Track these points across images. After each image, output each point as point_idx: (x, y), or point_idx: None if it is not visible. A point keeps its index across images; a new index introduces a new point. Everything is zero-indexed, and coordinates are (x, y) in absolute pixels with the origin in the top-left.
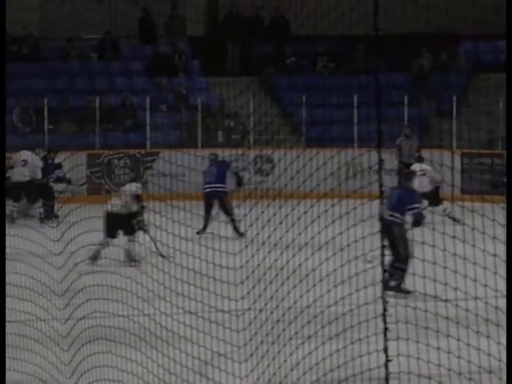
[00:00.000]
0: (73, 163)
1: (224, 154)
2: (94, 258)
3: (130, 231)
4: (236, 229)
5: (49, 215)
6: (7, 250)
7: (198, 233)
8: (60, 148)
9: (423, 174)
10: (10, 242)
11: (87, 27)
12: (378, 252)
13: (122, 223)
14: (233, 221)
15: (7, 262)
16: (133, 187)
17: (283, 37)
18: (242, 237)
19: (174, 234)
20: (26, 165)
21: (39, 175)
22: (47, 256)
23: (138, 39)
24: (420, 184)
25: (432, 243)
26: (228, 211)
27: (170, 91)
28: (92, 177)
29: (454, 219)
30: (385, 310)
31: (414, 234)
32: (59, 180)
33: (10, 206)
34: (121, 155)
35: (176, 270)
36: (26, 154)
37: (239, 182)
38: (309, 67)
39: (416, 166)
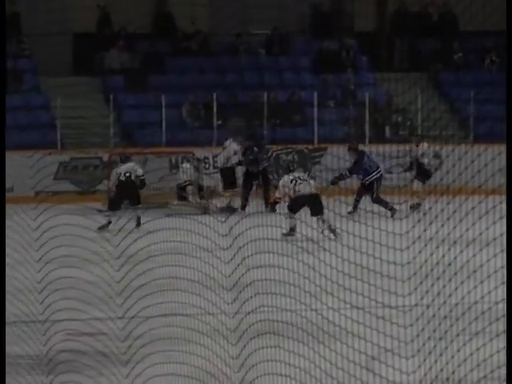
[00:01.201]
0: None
1: (392, 149)
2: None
3: None
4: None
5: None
6: (176, 244)
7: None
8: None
9: None
10: (179, 235)
11: (256, 23)
12: None
13: None
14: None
15: (177, 256)
16: None
17: (451, 32)
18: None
19: (341, 229)
20: (221, 153)
21: (233, 162)
22: (215, 250)
23: (307, 35)
24: None
25: None
26: None
27: (338, 87)
28: None
29: None
30: None
31: None
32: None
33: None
34: (289, 150)
35: (343, 264)
36: (226, 143)
37: None
38: (476, 63)
39: None
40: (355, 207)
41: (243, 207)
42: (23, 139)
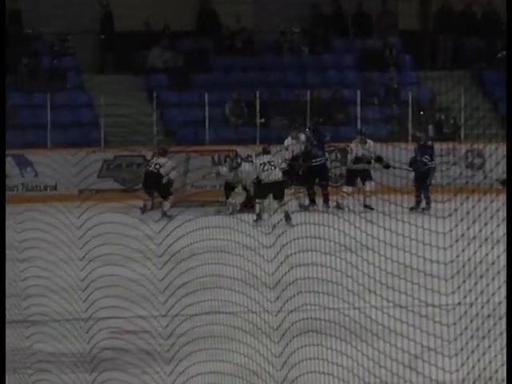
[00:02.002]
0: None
1: (435, 147)
2: None
3: None
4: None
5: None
6: (218, 242)
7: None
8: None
9: None
10: (221, 233)
11: (298, 20)
12: None
13: None
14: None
15: (219, 254)
16: None
17: (494, 31)
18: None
19: (384, 228)
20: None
21: (286, 158)
22: (258, 248)
23: (351, 33)
24: None
25: None
26: None
27: (381, 85)
28: None
29: None
30: None
31: None
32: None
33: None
34: (331, 149)
35: (386, 263)
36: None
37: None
38: None
39: None
40: (418, 203)
41: (312, 202)
42: (67, 137)
